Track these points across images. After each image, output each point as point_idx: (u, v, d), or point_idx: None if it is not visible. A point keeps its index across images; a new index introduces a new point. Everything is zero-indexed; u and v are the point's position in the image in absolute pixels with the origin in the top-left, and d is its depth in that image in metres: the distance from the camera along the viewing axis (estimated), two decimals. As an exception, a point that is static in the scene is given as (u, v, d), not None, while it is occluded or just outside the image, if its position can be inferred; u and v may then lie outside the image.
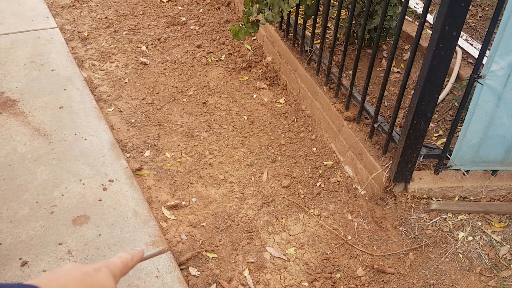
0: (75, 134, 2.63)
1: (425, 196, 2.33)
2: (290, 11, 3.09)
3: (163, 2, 4.37)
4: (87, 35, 3.79)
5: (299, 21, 3.19)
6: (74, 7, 4.18)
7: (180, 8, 4.30)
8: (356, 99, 2.59)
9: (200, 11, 4.27)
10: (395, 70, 3.22)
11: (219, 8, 4.28)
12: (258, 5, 2.97)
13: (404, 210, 2.31)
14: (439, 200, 2.33)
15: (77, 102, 2.89)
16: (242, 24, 3.09)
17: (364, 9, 2.85)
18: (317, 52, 2.93)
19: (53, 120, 2.71)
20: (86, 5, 4.23)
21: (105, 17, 4.07)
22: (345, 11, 3.62)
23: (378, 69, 3.22)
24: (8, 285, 0.54)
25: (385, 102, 2.93)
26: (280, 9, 2.89)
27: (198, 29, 4.01)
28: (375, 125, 2.38)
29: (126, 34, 3.86)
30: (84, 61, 3.47)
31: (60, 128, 2.66)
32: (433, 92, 1.96)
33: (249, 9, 3.01)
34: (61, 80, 3.08)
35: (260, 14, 3.01)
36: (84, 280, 0.62)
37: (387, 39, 3.14)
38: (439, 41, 1.82)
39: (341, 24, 3.18)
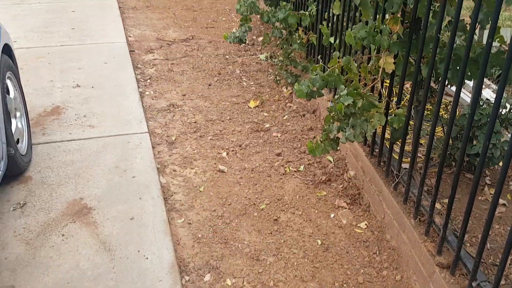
0: (138, 251, 2.55)
1: None
2: (376, 130, 2.86)
3: (251, 108, 4.44)
4: (175, 139, 3.91)
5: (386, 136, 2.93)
6: (168, 111, 4.41)
7: (265, 114, 4.32)
8: (450, 244, 2.17)
9: (285, 117, 4.23)
10: (500, 202, 2.72)
11: (304, 116, 4.21)
12: (339, 123, 2.80)
13: None
14: None
15: (148, 214, 2.86)
16: (320, 141, 2.91)
17: (463, 132, 2.52)
18: (405, 177, 2.60)
19: (121, 232, 2.69)
20: (179, 109, 4.44)
21: (195, 122, 4.21)
22: (441, 130, 3.28)
23: (479, 198, 2.76)
24: None
25: (488, 244, 2.43)
26: (363, 130, 2.68)
27: (280, 136, 3.94)
28: (473, 284, 1.92)
29: (210, 139, 3.92)
30: (166, 166, 3.53)
31: (125, 242, 2.62)
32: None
33: (329, 126, 2.84)
34: (139, 187, 3.13)
35: (341, 132, 2.82)
36: None
37: (490, 166, 2.71)
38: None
39: (435, 144, 2.84)
